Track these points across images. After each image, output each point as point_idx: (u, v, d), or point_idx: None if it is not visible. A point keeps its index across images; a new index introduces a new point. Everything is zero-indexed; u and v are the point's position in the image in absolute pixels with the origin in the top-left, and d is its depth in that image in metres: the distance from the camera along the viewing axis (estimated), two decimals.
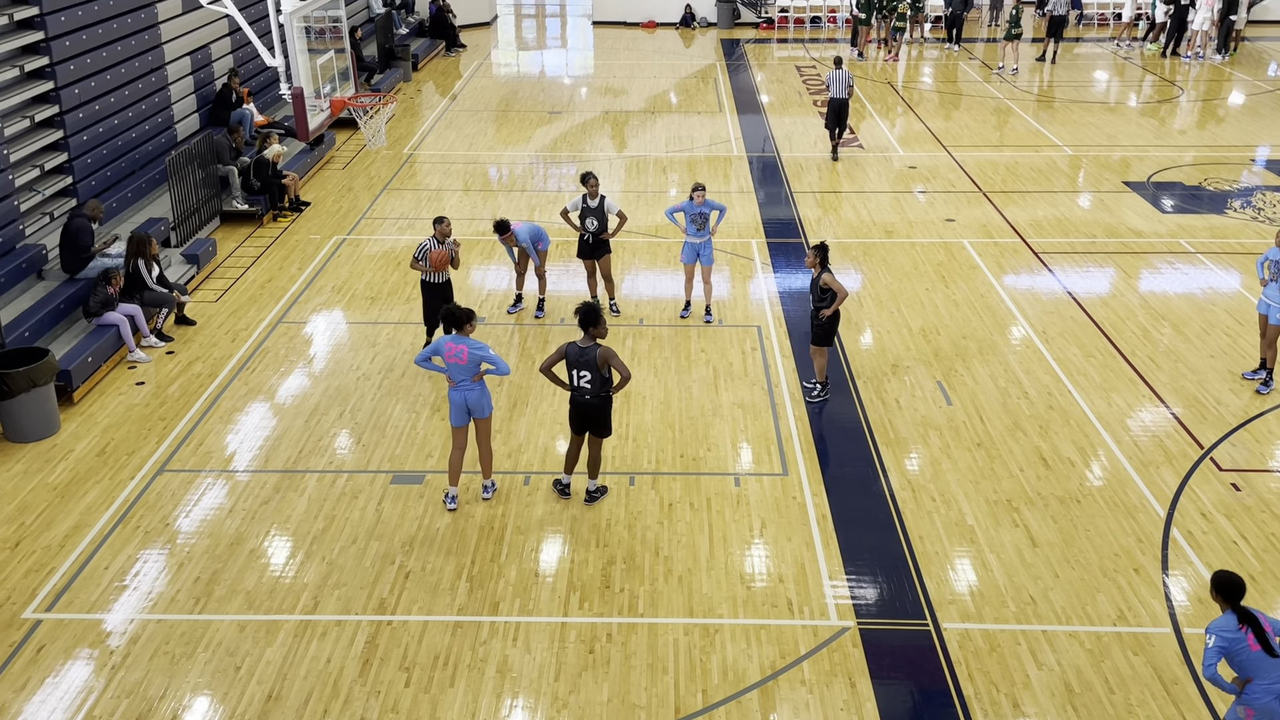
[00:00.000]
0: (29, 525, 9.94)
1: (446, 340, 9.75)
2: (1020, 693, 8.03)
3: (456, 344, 9.69)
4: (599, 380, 9.66)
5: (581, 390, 9.74)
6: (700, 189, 13.45)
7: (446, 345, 9.72)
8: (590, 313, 9.61)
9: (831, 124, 20.66)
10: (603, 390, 9.71)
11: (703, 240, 13.61)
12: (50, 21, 14.32)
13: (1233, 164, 20.42)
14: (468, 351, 9.64)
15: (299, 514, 10.12)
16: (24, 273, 13.30)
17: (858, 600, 8.99)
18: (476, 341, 9.73)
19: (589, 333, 9.63)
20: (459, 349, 9.67)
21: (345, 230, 17.23)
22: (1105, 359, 12.98)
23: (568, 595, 9.04)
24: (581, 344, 9.65)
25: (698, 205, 13.43)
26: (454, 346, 9.69)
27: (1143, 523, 9.96)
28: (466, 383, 9.76)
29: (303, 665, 8.29)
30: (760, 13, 35.50)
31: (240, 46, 20.70)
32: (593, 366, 9.59)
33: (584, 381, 9.69)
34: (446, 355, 9.71)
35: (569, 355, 9.70)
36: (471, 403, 9.81)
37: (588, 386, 9.69)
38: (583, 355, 9.62)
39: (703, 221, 13.52)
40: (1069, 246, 16.43)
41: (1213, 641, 6.71)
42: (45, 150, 14.52)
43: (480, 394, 9.82)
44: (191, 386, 12.43)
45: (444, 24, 31.41)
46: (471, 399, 9.80)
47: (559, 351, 9.75)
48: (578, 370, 9.69)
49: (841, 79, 20.35)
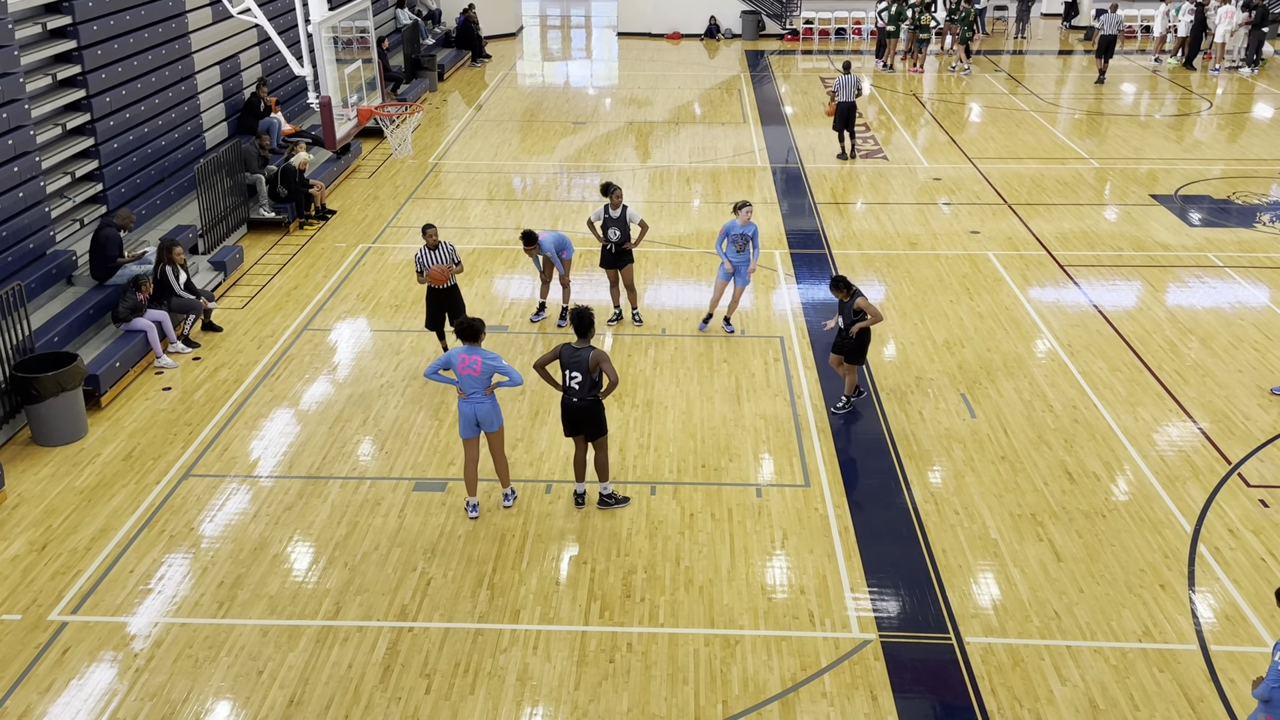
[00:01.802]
0: (56, 528, 10.04)
1: (459, 351, 9.70)
2: (1044, 708, 7.96)
3: (470, 355, 9.64)
4: (589, 383, 9.72)
5: (571, 391, 9.80)
6: (746, 206, 13.11)
7: (459, 356, 9.67)
8: (583, 319, 9.70)
9: (840, 126, 21.38)
10: (591, 393, 9.76)
11: (741, 260, 13.33)
12: (82, 31, 14.51)
13: (1262, 178, 20.25)
14: (481, 362, 9.61)
15: (322, 520, 10.17)
16: (54, 279, 13.45)
17: (880, 613, 8.94)
18: (490, 353, 9.71)
19: (584, 336, 9.73)
20: (473, 360, 9.62)
21: (370, 239, 17.34)
22: (1131, 373, 12.88)
23: (588, 604, 9.03)
24: (576, 345, 9.73)
25: (742, 225, 13.14)
26: (467, 358, 9.64)
27: (1169, 538, 9.87)
28: (477, 395, 9.70)
29: (324, 670, 8.32)
30: (785, 24, 35.53)
31: (269, 56, 20.91)
32: (584, 369, 9.66)
33: (574, 382, 9.75)
34: (459, 367, 9.66)
35: (562, 355, 9.78)
36: (481, 416, 9.76)
37: (576, 388, 9.75)
38: (575, 356, 9.70)
39: (744, 243, 13.23)
40: (1095, 260, 16.32)
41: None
42: (76, 157, 14.70)
43: (490, 408, 9.76)
44: (217, 392, 12.52)
45: (470, 35, 31.62)
46: (481, 412, 9.74)
47: (554, 351, 9.84)
48: (569, 371, 9.76)
49: (850, 83, 21.00)
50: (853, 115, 21.30)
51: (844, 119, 21.23)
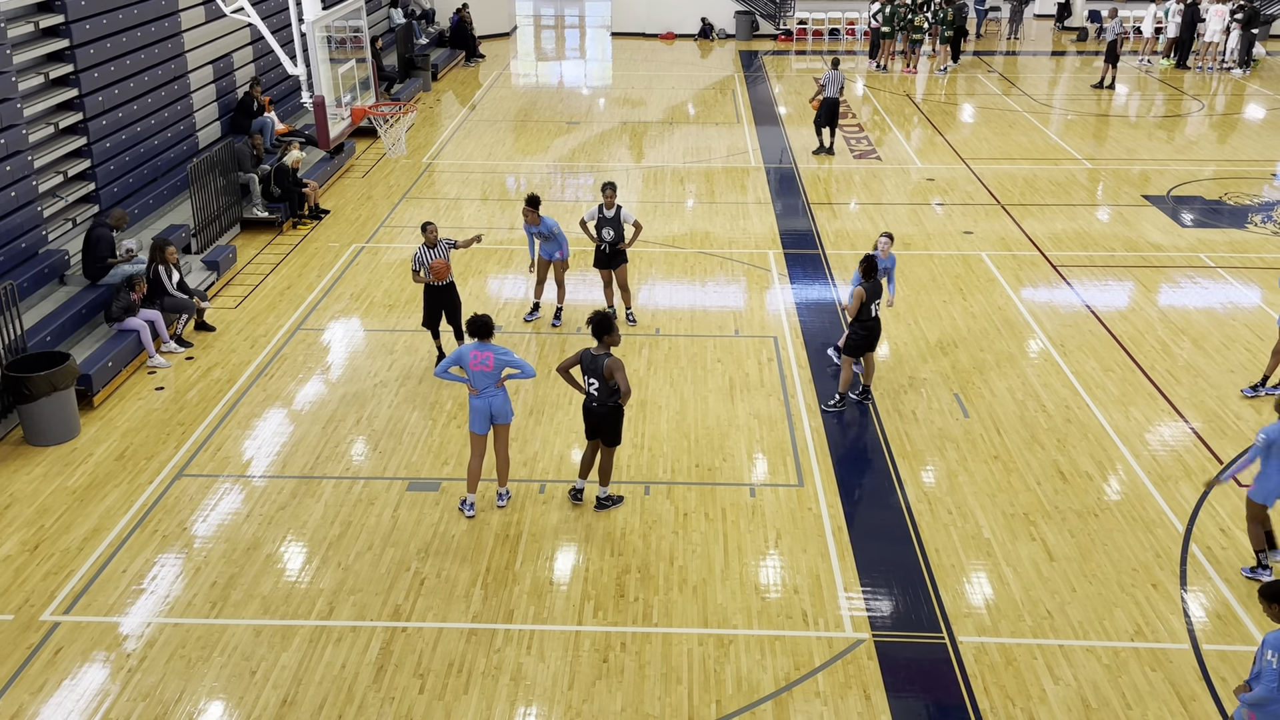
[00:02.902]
0: (48, 528, 10.01)
1: (470, 348, 9.77)
2: (1036, 707, 7.98)
3: (481, 351, 9.72)
4: (605, 389, 9.76)
5: (591, 397, 9.86)
6: (885, 237, 12.65)
7: (471, 353, 9.74)
8: (603, 321, 9.75)
9: (824, 122, 21.71)
10: (610, 399, 9.80)
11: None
12: (75, 30, 14.48)
13: (1253, 179, 20.31)
14: (493, 358, 9.69)
15: (315, 520, 10.15)
16: (46, 278, 13.42)
17: (873, 612, 8.96)
18: (500, 347, 9.79)
19: (603, 341, 9.75)
20: (484, 355, 9.70)
21: (364, 238, 17.31)
22: (1124, 373, 12.92)
23: (582, 604, 9.04)
24: (595, 351, 9.78)
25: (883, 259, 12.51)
26: (479, 354, 9.72)
27: (1161, 538, 9.90)
28: (490, 389, 9.79)
29: (318, 670, 8.31)
30: (779, 24, 35.55)
31: (262, 55, 20.87)
32: (600, 375, 9.71)
33: (593, 389, 9.82)
34: (471, 363, 9.72)
35: (583, 361, 9.83)
36: (496, 409, 9.85)
37: (596, 394, 9.82)
38: (594, 363, 9.76)
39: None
40: (1088, 260, 16.37)
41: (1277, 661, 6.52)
42: (68, 157, 14.67)
43: (504, 400, 9.87)
44: (210, 392, 12.50)
45: (464, 34, 31.59)
46: (496, 405, 9.83)
47: (577, 356, 9.88)
48: (589, 377, 9.82)
49: (837, 79, 21.42)
50: (837, 111, 21.60)
51: (829, 114, 21.53)
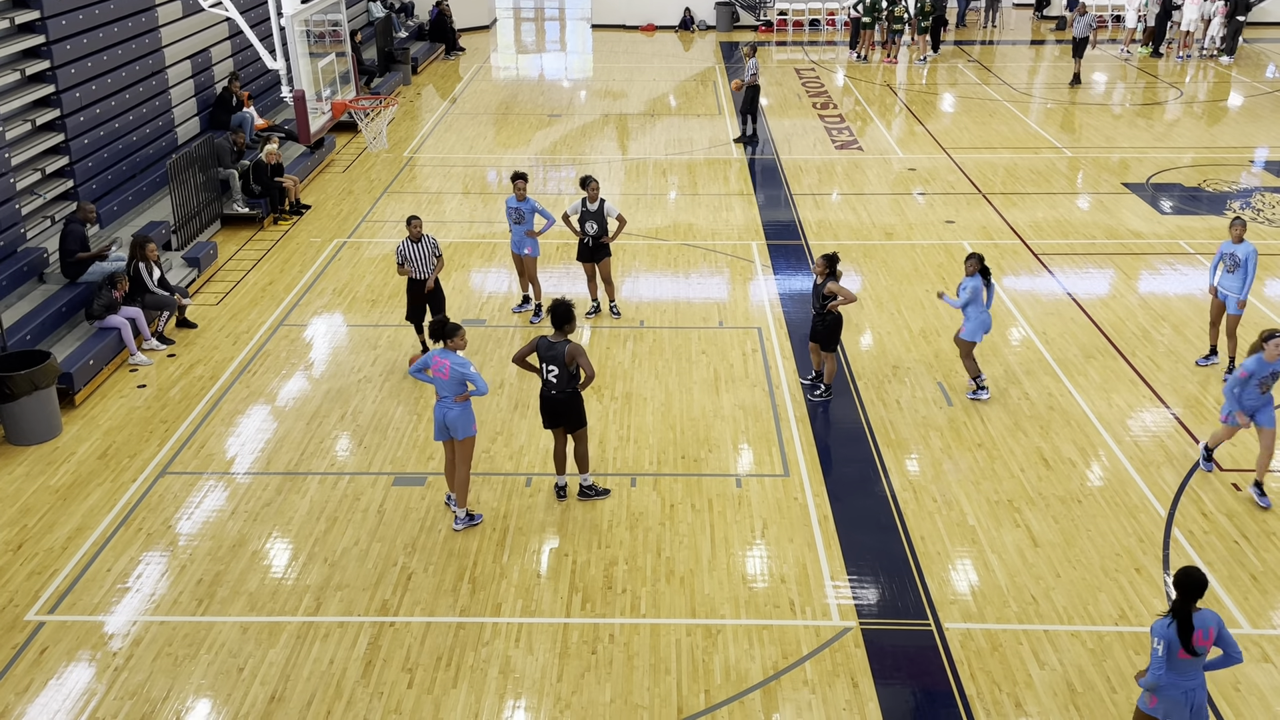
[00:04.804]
0: (31, 528, 9.95)
1: (434, 354, 9.62)
2: (1022, 692, 8.04)
3: (442, 358, 9.53)
4: (565, 375, 9.74)
5: (549, 384, 9.83)
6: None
7: (434, 358, 9.58)
8: (562, 311, 9.73)
9: (747, 109, 21.74)
10: (569, 386, 9.79)
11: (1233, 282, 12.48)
12: (51, 25, 14.34)
13: (1232, 165, 20.45)
14: (450, 367, 9.47)
15: (301, 516, 10.12)
16: (25, 276, 13.31)
17: (860, 601, 9.00)
18: (460, 358, 9.54)
19: (561, 329, 9.72)
20: (443, 363, 9.50)
21: (346, 233, 17.24)
22: (1105, 360, 13.00)
23: (570, 596, 9.05)
24: (552, 339, 9.75)
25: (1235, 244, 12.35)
26: (439, 360, 9.53)
27: (1144, 522, 9.97)
28: (448, 400, 9.56)
29: (305, 667, 8.29)
30: (759, 15, 35.54)
31: (241, 50, 20.73)
32: (560, 362, 9.68)
33: (551, 376, 9.78)
34: (433, 368, 9.58)
35: (539, 348, 9.81)
36: (450, 421, 9.59)
37: (554, 381, 9.78)
38: (551, 350, 9.72)
39: (1232, 264, 12.45)
40: (1068, 248, 16.45)
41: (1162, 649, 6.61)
42: (46, 154, 14.54)
43: (460, 414, 9.57)
44: (193, 389, 12.43)
45: (444, 27, 31.46)
46: (450, 417, 9.58)
47: (531, 344, 9.86)
48: (546, 365, 9.78)
49: (756, 66, 21.60)
50: (758, 97, 21.74)
51: (752, 101, 21.57)
